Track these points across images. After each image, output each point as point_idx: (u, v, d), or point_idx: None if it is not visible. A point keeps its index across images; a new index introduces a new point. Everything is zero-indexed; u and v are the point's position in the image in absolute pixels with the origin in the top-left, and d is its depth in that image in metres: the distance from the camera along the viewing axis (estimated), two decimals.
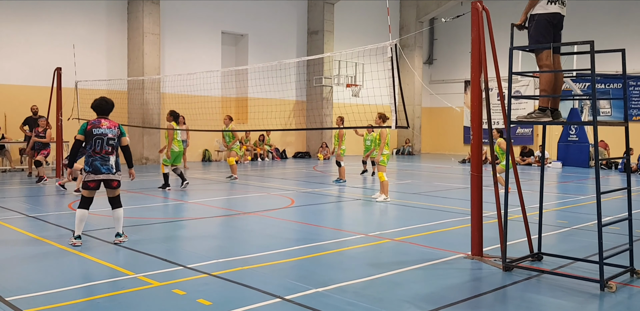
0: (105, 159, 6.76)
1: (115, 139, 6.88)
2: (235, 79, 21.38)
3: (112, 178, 6.81)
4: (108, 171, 6.76)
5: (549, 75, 5.66)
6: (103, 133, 6.80)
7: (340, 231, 7.78)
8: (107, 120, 6.97)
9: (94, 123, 6.86)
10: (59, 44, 18.06)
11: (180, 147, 12.47)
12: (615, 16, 23.98)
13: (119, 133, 6.94)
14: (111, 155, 6.80)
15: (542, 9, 5.62)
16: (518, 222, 7.14)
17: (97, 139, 6.76)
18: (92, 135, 6.77)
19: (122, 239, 6.89)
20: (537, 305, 4.68)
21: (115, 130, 6.91)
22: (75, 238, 6.71)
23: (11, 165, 16.27)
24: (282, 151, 24.32)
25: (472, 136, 6.34)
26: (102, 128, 6.83)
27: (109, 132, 6.84)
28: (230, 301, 4.60)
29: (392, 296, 4.85)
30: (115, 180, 6.87)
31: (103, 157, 6.75)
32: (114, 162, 6.82)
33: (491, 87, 6.70)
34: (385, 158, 10.83)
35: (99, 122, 6.88)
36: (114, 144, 6.85)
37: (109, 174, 6.77)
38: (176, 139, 12.35)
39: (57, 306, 4.44)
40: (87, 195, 6.82)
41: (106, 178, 6.77)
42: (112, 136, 6.84)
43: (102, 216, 8.79)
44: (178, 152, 12.40)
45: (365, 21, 27.07)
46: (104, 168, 6.73)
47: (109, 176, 6.78)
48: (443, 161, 23.52)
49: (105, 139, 6.78)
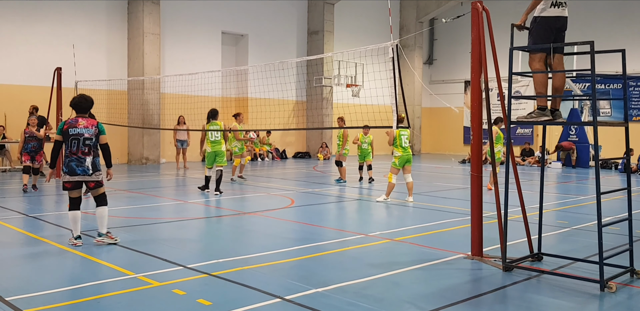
0: (81, 160, 6.53)
1: (93, 139, 6.62)
2: (235, 79, 21.39)
3: (87, 180, 6.59)
4: (84, 173, 6.53)
5: (541, 77, 5.68)
6: (79, 133, 6.55)
7: (340, 231, 7.78)
8: (85, 119, 6.69)
9: (71, 123, 6.61)
10: (59, 44, 18.06)
11: (215, 148, 11.55)
12: (615, 16, 23.98)
13: (96, 132, 6.66)
14: (88, 156, 6.56)
15: (545, 12, 5.63)
16: (518, 222, 7.14)
17: (73, 139, 6.53)
18: (68, 135, 6.55)
19: (104, 240, 6.65)
20: (537, 305, 4.68)
21: (92, 129, 6.63)
22: (76, 238, 6.65)
23: (11, 165, 16.27)
24: (282, 151, 24.32)
25: (472, 136, 6.34)
26: (79, 128, 6.57)
27: (85, 132, 6.58)
28: (230, 301, 4.60)
29: (392, 296, 4.85)
30: (92, 181, 6.63)
31: (79, 158, 6.53)
32: (91, 163, 6.58)
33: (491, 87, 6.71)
34: (396, 160, 10.52)
35: (76, 122, 6.62)
36: (91, 144, 6.60)
37: (85, 175, 6.55)
38: (209, 139, 11.60)
39: (57, 306, 4.44)
40: (71, 196, 6.66)
41: (82, 180, 6.56)
42: (88, 135, 6.58)
43: None
44: (212, 153, 11.56)
45: (365, 21, 27.07)
46: (79, 170, 6.52)
47: (85, 178, 6.56)
48: (443, 161, 23.52)
49: (81, 139, 6.54)
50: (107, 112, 17.68)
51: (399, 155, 10.49)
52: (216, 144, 11.57)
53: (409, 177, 10.69)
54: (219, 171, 11.55)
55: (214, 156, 11.60)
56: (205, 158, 11.79)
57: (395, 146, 10.48)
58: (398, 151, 10.48)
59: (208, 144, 11.61)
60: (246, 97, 22.19)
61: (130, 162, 19.77)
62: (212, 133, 11.55)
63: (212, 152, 11.56)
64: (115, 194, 11.24)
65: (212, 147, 11.56)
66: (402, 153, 10.48)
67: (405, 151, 10.50)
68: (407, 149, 10.54)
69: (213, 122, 11.68)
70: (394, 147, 10.53)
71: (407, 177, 10.68)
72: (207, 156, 11.67)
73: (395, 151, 10.51)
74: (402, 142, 10.46)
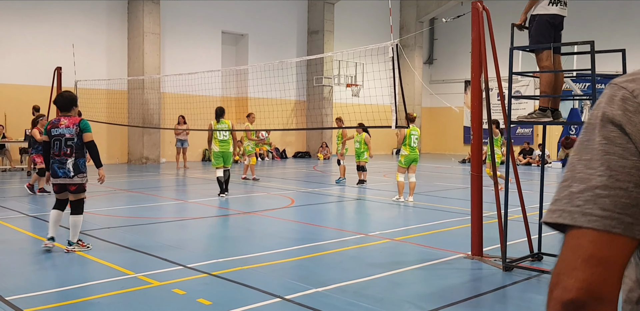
0: (63, 161, 6.22)
1: (75, 139, 6.24)
2: (235, 79, 21.39)
3: (68, 182, 6.26)
4: (64, 175, 6.22)
5: (549, 76, 5.66)
6: (61, 134, 6.23)
7: (340, 231, 7.78)
8: (67, 118, 6.33)
9: (54, 123, 6.32)
10: (59, 44, 18.06)
11: (223, 148, 11.15)
12: (615, 16, 23.98)
13: (77, 131, 6.24)
14: (69, 157, 6.21)
15: (543, 9, 5.62)
16: (518, 222, 7.14)
17: (55, 140, 6.24)
18: (51, 136, 6.27)
19: (74, 249, 6.25)
20: (537, 305, 4.68)
21: (73, 129, 6.24)
22: (48, 239, 6.34)
23: (11, 165, 16.26)
24: (282, 150, 24.32)
25: (472, 136, 6.34)
26: (61, 128, 6.25)
27: (66, 132, 6.23)
28: (230, 301, 4.60)
29: (392, 296, 4.85)
30: (73, 184, 6.27)
31: (61, 159, 6.23)
32: (72, 164, 6.22)
33: (491, 87, 6.70)
34: (402, 159, 10.52)
35: (58, 122, 6.30)
36: (74, 145, 6.24)
37: (65, 178, 6.22)
38: (217, 138, 11.16)
39: (57, 306, 4.44)
40: (57, 197, 6.49)
41: (62, 182, 6.27)
42: (70, 135, 6.22)
43: (102, 215, 8.81)
44: (219, 153, 11.14)
45: (365, 21, 27.07)
46: (60, 172, 6.23)
47: (65, 180, 6.24)
48: (443, 161, 23.53)
49: (63, 140, 6.21)
50: (107, 112, 17.68)
51: (405, 154, 10.48)
52: (225, 143, 11.19)
53: (413, 177, 10.69)
54: (227, 171, 11.21)
55: (222, 156, 11.19)
56: (212, 158, 11.40)
57: (403, 144, 10.47)
58: (405, 150, 10.45)
59: (216, 144, 11.19)
60: (246, 97, 22.19)
61: (130, 162, 19.77)
62: (221, 132, 11.18)
63: (220, 151, 11.15)
64: (115, 194, 11.24)
65: (220, 146, 11.16)
66: (409, 153, 10.47)
67: (412, 150, 10.49)
68: (414, 148, 10.54)
69: (222, 121, 11.28)
70: (402, 146, 10.54)
71: (411, 176, 10.69)
72: (214, 155, 11.25)
73: (403, 150, 10.50)
74: (411, 142, 10.44)
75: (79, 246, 6.33)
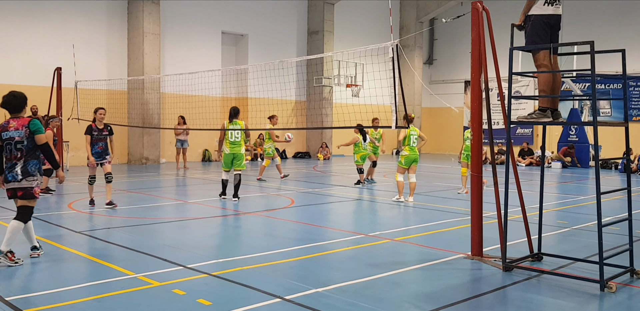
0: (13, 165, 5.86)
1: (25, 142, 5.84)
2: (235, 79, 21.39)
3: (16, 186, 5.86)
4: (13, 179, 5.85)
5: (548, 75, 5.66)
6: (11, 137, 5.85)
7: (341, 231, 7.78)
8: (16, 120, 5.91)
9: (4, 126, 5.93)
10: (59, 44, 18.06)
11: (234, 149, 10.64)
12: (615, 16, 23.98)
13: (27, 133, 5.84)
14: (19, 160, 5.84)
15: (538, 10, 5.63)
16: (518, 222, 7.14)
17: (6, 144, 5.88)
18: (2, 140, 5.91)
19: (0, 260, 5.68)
20: (537, 305, 4.68)
21: (22, 131, 5.83)
22: (32, 250, 6.08)
23: None
24: (282, 151, 24.31)
25: (472, 136, 6.34)
26: (10, 131, 5.87)
27: (15, 135, 5.84)
28: (230, 301, 4.60)
29: (392, 296, 4.85)
30: (19, 189, 5.87)
31: (12, 164, 5.87)
32: (21, 168, 5.83)
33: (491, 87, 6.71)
34: (402, 159, 10.55)
35: (7, 124, 5.91)
36: (23, 148, 5.84)
37: (14, 181, 5.85)
38: (228, 140, 10.62)
39: (56, 306, 4.44)
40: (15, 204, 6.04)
41: (11, 187, 5.89)
42: (19, 138, 5.83)
43: (102, 216, 8.81)
44: (230, 155, 10.65)
45: (366, 21, 27.07)
46: (9, 176, 5.87)
47: (14, 185, 5.86)
48: (443, 161, 23.53)
49: (13, 143, 5.84)
50: (107, 112, 17.61)
51: (406, 154, 10.51)
52: (236, 145, 10.63)
53: (413, 177, 10.70)
54: (238, 175, 10.66)
55: (232, 159, 10.67)
56: (222, 160, 10.88)
57: (404, 145, 10.51)
58: (406, 150, 10.50)
59: (227, 145, 10.63)
60: (246, 97, 22.19)
61: (130, 162, 19.78)
62: (233, 134, 10.59)
63: (231, 154, 10.62)
64: (115, 195, 11.23)
65: (230, 148, 10.60)
66: (410, 153, 10.50)
67: (412, 151, 10.52)
68: (414, 149, 10.56)
69: (235, 122, 10.67)
70: (402, 147, 10.55)
71: (411, 177, 10.70)
72: (225, 157, 10.73)
73: (403, 151, 10.54)
74: (411, 142, 10.47)
75: (6, 258, 5.71)
